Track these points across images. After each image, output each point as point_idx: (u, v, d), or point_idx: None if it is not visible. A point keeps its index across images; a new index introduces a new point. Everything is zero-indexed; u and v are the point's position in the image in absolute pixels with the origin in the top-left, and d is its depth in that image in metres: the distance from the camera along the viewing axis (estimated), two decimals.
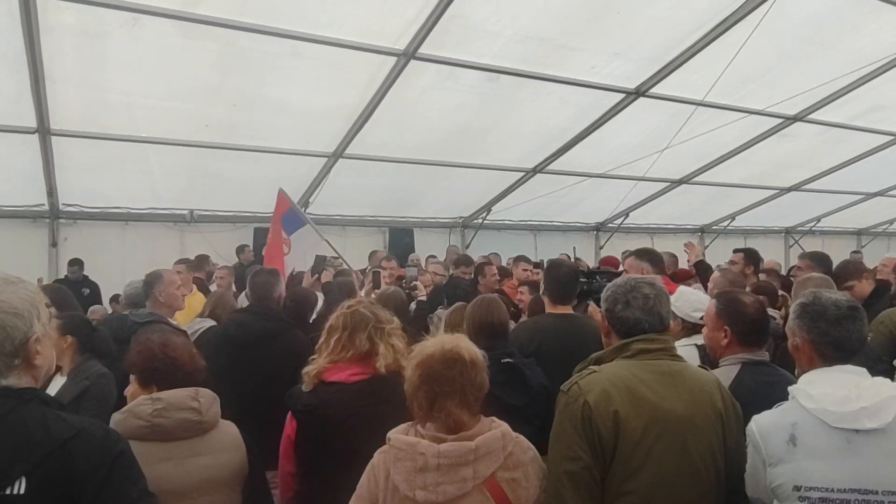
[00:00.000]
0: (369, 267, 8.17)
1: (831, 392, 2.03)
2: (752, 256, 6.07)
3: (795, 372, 2.29)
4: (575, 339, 3.59)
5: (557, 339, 3.67)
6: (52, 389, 3.31)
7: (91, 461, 1.56)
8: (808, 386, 2.10)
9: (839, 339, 2.12)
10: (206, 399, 2.39)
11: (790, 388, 2.17)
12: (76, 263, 8.26)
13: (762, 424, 2.12)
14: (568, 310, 3.94)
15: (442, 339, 2.02)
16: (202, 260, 8.06)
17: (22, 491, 1.48)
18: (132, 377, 2.51)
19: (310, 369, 2.53)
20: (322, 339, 2.62)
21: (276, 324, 3.89)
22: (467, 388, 1.95)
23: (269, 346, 3.77)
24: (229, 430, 2.48)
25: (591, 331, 3.59)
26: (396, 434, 1.97)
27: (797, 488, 1.99)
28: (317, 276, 6.09)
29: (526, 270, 6.90)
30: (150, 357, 2.45)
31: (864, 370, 2.11)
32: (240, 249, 9.11)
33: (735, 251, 6.34)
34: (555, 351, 3.58)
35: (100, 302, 7.95)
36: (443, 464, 1.86)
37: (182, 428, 2.28)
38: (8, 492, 1.48)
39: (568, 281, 3.98)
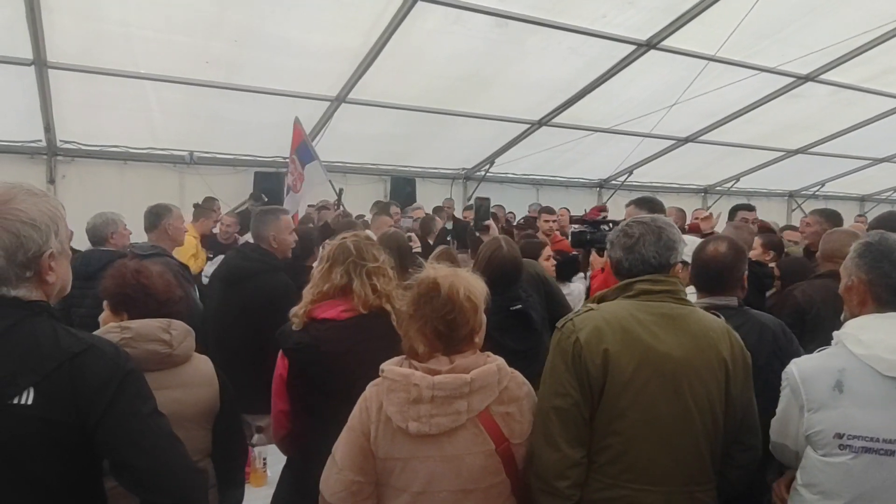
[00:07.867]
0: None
1: (885, 339, 1.95)
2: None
3: (842, 316, 2.20)
4: None
5: None
6: None
7: (101, 376, 1.55)
8: (859, 331, 2.02)
9: None
10: (178, 332, 2.30)
11: (835, 333, 2.10)
12: None
13: (804, 369, 2.06)
14: None
15: (437, 273, 1.97)
16: (209, 202, 7.94)
17: (30, 402, 1.47)
18: (105, 303, 2.42)
19: (297, 309, 2.48)
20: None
21: (252, 264, 3.87)
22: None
23: (245, 285, 3.84)
24: (202, 366, 2.40)
25: None
26: (390, 366, 1.95)
27: (839, 435, 1.94)
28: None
29: (547, 221, 6.60)
30: (122, 283, 2.35)
31: None
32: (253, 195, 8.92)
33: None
34: None
35: None
36: (437, 396, 1.85)
37: (151, 360, 2.20)
38: (16, 401, 1.47)
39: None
